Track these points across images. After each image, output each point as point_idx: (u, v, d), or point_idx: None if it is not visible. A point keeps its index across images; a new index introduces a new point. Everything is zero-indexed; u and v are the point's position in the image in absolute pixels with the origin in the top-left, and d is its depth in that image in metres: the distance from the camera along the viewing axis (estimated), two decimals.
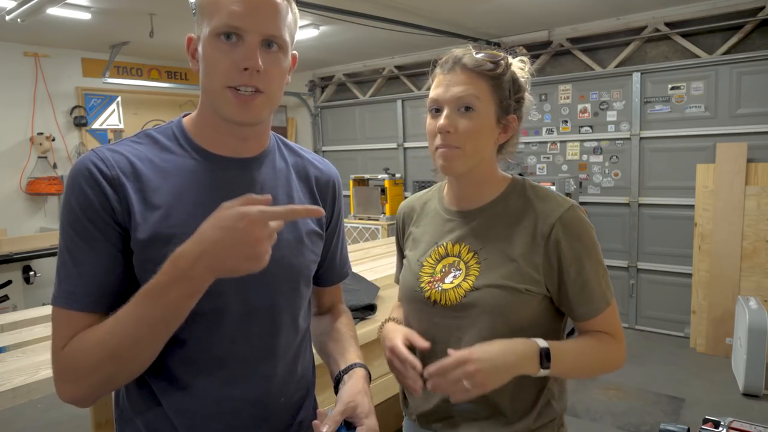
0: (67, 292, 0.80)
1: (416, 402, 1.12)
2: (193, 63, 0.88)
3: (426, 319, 1.07)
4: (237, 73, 0.81)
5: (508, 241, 1.02)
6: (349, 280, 2.15)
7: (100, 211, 0.80)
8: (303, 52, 5.50)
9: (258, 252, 0.72)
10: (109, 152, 0.84)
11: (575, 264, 0.99)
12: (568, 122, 4.89)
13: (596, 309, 1.02)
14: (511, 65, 1.04)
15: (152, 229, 0.81)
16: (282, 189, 0.95)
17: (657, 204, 4.51)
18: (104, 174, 0.81)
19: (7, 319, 1.97)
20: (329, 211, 1.05)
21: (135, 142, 0.88)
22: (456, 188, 1.11)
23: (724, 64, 4.11)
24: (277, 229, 0.74)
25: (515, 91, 1.04)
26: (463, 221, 1.08)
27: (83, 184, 0.80)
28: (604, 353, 1.04)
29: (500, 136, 1.04)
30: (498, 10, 4.11)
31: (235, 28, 0.81)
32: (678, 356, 4.06)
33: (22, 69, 4.74)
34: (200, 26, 0.85)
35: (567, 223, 0.99)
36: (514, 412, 1.02)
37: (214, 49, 0.82)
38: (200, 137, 0.90)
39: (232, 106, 0.83)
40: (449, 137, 1.00)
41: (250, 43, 0.81)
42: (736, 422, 1.75)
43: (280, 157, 0.98)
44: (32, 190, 4.77)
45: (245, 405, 0.90)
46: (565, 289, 1.01)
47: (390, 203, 5.45)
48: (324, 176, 1.04)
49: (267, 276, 0.87)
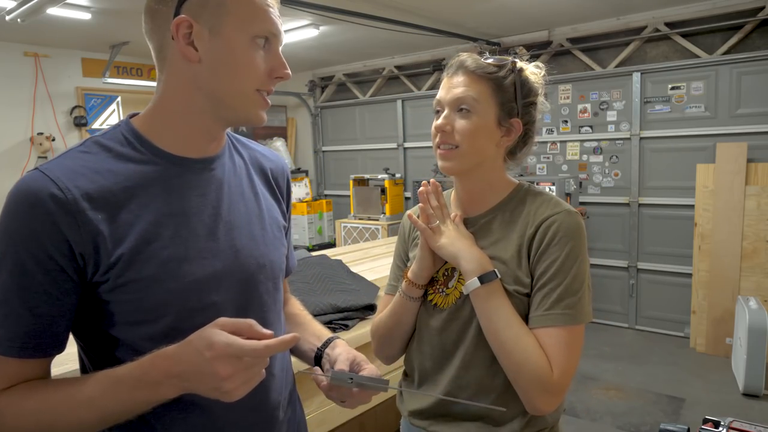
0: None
1: (412, 399, 1.13)
2: (189, 50, 0.78)
3: (428, 321, 1.09)
4: (270, 79, 0.83)
5: (501, 245, 1.03)
6: (348, 279, 2.16)
7: (47, 248, 0.71)
8: (303, 52, 5.53)
9: (224, 388, 0.67)
10: (60, 171, 0.74)
11: (548, 269, 0.96)
12: (568, 122, 4.89)
13: (550, 319, 0.94)
14: (522, 70, 1.05)
15: (131, 249, 0.75)
16: (246, 185, 0.93)
17: (657, 204, 4.51)
18: (57, 200, 0.71)
19: None
20: (285, 201, 1.03)
21: (85, 153, 0.78)
22: (461, 192, 1.11)
23: (724, 64, 4.11)
24: (264, 366, 0.69)
25: (524, 95, 1.04)
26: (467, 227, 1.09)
27: (27, 214, 0.71)
28: (525, 354, 0.92)
29: (503, 139, 1.05)
30: (498, 10, 4.11)
31: (271, 34, 0.81)
32: (678, 356, 4.06)
33: (22, 69, 4.73)
34: (217, 17, 0.77)
35: (552, 226, 0.97)
36: (502, 419, 1.02)
37: (250, 50, 0.80)
38: (159, 139, 0.82)
39: (258, 109, 0.84)
40: (446, 136, 1.02)
41: (277, 51, 0.83)
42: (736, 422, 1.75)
43: (235, 152, 0.96)
44: None
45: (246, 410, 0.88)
46: (533, 290, 0.98)
47: (390, 203, 5.44)
48: (278, 168, 1.02)
49: (253, 276, 0.88)
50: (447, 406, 1.06)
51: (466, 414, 1.04)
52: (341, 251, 3.18)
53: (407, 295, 1.08)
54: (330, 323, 1.78)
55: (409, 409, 1.12)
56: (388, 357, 1.18)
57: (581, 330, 0.97)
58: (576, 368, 0.96)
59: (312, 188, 6.58)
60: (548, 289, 0.95)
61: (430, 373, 1.09)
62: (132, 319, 0.77)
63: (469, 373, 1.03)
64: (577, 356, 0.96)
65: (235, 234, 0.87)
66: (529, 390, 0.94)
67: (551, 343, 0.93)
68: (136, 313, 0.77)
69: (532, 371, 0.92)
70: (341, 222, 5.73)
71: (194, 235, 0.82)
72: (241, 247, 0.87)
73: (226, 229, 0.86)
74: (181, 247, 0.79)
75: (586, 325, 0.98)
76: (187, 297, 0.80)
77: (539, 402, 0.93)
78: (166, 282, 0.77)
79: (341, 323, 1.80)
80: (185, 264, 0.79)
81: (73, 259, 0.73)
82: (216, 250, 0.84)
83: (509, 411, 1.01)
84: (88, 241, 0.73)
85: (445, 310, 1.05)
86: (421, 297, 1.09)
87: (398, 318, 1.11)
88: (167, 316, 0.78)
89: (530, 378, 0.92)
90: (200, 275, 0.81)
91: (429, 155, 5.70)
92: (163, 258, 0.77)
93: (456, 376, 1.04)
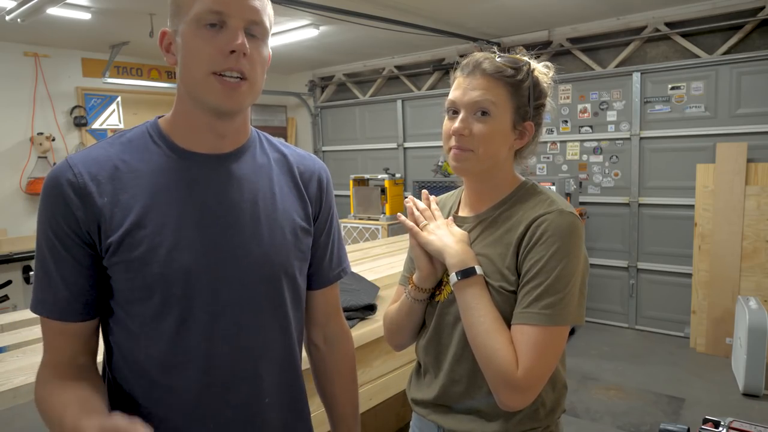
0: (37, 299, 0.85)
1: (417, 389, 1.15)
2: (169, 57, 0.87)
3: (431, 316, 1.11)
4: (223, 58, 0.80)
5: (493, 242, 1.04)
6: (348, 279, 2.16)
7: (63, 226, 0.82)
8: (303, 52, 5.53)
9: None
10: (79, 159, 0.84)
11: (532, 267, 0.95)
12: (568, 122, 4.89)
13: (525, 317, 0.93)
14: (534, 71, 1.04)
15: (124, 231, 0.82)
16: (264, 183, 0.93)
17: (657, 204, 4.51)
18: (71, 183, 0.82)
19: (7, 319, 1.97)
20: (316, 204, 1.01)
21: (109, 144, 0.88)
22: (470, 191, 1.12)
23: (724, 64, 4.11)
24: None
25: (536, 97, 1.04)
26: (470, 225, 1.10)
27: (49, 196, 0.82)
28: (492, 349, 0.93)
29: (516, 142, 1.05)
30: (498, 10, 4.11)
31: (218, 12, 0.80)
32: (678, 356, 4.06)
33: (22, 69, 4.73)
34: (177, 18, 0.84)
35: (541, 225, 0.96)
36: (493, 411, 1.02)
37: (196, 36, 0.81)
38: (176, 136, 0.89)
39: (217, 93, 0.82)
40: (463, 140, 1.01)
41: (234, 27, 0.81)
42: (736, 422, 1.75)
43: (261, 151, 0.96)
44: (32, 190, 4.76)
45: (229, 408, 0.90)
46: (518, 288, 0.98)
47: (390, 203, 5.44)
48: (308, 169, 1.02)
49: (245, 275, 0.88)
50: (446, 400, 1.08)
51: (462, 407, 1.06)
52: None
53: (414, 298, 1.10)
54: None
55: (412, 397, 1.16)
56: (397, 345, 1.21)
57: (560, 332, 0.94)
58: (549, 369, 0.94)
59: None
60: (530, 287, 0.95)
61: (432, 365, 1.11)
62: (129, 296, 0.85)
63: (462, 366, 1.04)
64: (551, 357, 0.93)
65: (233, 231, 0.88)
66: (493, 385, 0.95)
67: (521, 341, 0.93)
68: (130, 292, 0.84)
69: (497, 367, 0.92)
70: (341, 222, 5.73)
71: (187, 226, 0.84)
72: (237, 245, 0.88)
73: (223, 225, 0.87)
74: (169, 236, 0.83)
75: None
76: (171, 283, 0.83)
77: (504, 397, 0.94)
78: (152, 266, 0.82)
79: None
80: (174, 252, 0.83)
81: (85, 235, 0.82)
82: (206, 244, 0.85)
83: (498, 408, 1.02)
84: (92, 221, 0.82)
85: (439, 305, 1.08)
86: (426, 299, 1.10)
87: (406, 315, 1.13)
88: (153, 299, 0.84)
89: (495, 373, 0.93)
90: (184, 264, 0.83)
91: (429, 155, 5.70)
92: (153, 243, 0.82)
93: (450, 369, 1.06)
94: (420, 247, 1.07)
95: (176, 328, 0.85)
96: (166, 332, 0.85)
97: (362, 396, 1.84)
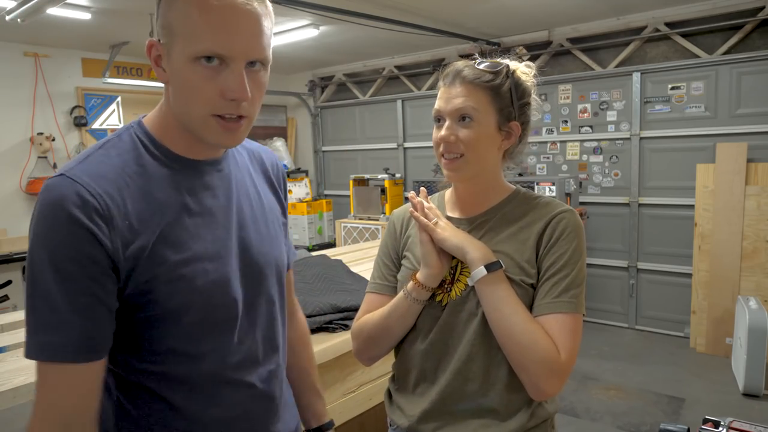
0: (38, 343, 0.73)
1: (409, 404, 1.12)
2: (159, 71, 0.80)
3: (433, 318, 1.09)
4: (224, 103, 0.76)
5: (504, 240, 1.06)
6: (348, 279, 2.16)
7: (88, 253, 0.72)
8: (303, 52, 5.53)
9: None
10: (88, 176, 0.75)
11: (558, 260, 1.02)
12: (568, 122, 4.89)
13: (557, 306, 1.00)
14: (515, 72, 1.07)
15: (148, 250, 0.77)
16: (249, 183, 0.95)
17: (657, 204, 4.51)
18: (92, 207, 0.73)
19: (7, 319, 1.97)
20: (283, 196, 1.07)
21: (104, 157, 0.79)
22: (462, 194, 1.14)
23: (724, 64, 4.11)
24: None
25: (519, 97, 1.07)
26: (465, 226, 1.10)
27: (66, 221, 0.71)
28: (533, 337, 0.97)
29: (504, 143, 1.08)
30: (498, 10, 4.11)
31: (219, 55, 0.74)
32: (678, 356, 4.06)
33: (22, 69, 4.73)
34: (169, 38, 0.76)
35: (562, 221, 1.04)
36: (507, 412, 1.04)
37: (194, 73, 0.75)
38: (171, 142, 0.84)
39: (216, 133, 0.79)
40: (451, 146, 1.05)
41: (236, 71, 0.75)
42: (736, 422, 1.75)
43: (236, 150, 0.97)
44: (32, 190, 4.76)
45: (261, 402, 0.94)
46: (540, 280, 1.03)
47: (390, 203, 5.44)
48: (275, 164, 1.06)
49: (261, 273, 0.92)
50: (449, 403, 1.06)
51: (470, 411, 1.05)
52: (341, 251, 3.18)
53: (416, 299, 1.07)
54: (330, 323, 1.78)
55: (411, 413, 1.11)
56: (372, 358, 1.17)
57: (581, 320, 1.03)
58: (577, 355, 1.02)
59: (312, 188, 6.57)
60: (557, 278, 1.01)
61: (431, 371, 1.09)
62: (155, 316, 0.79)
63: (475, 363, 1.04)
64: (579, 343, 1.02)
65: (244, 232, 0.90)
66: (537, 372, 0.97)
67: (558, 327, 0.98)
68: (160, 312, 0.79)
69: (541, 354, 0.96)
70: (341, 222, 5.73)
71: (212, 235, 0.85)
72: (250, 245, 0.91)
73: (238, 228, 0.89)
74: (198, 248, 0.82)
75: (585, 324, 1.00)
76: (211, 294, 0.83)
77: (546, 384, 0.97)
78: (189, 281, 0.80)
79: (341, 323, 1.79)
80: (206, 263, 0.83)
81: (109, 260, 0.74)
82: (231, 248, 0.87)
83: (514, 403, 1.04)
84: (117, 245, 0.75)
85: (448, 303, 1.07)
86: (428, 300, 1.08)
87: (399, 319, 1.09)
88: (190, 314, 0.81)
89: (539, 361, 0.96)
90: (222, 273, 0.85)
91: (429, 155, 5.70)
92: (186, 257, 0.81)
93: (459, 369, 1.04)
94: (431, 244, 1.06)
95: (230, 336, 0.88)
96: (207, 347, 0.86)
97: (362, 396, 1.84)
